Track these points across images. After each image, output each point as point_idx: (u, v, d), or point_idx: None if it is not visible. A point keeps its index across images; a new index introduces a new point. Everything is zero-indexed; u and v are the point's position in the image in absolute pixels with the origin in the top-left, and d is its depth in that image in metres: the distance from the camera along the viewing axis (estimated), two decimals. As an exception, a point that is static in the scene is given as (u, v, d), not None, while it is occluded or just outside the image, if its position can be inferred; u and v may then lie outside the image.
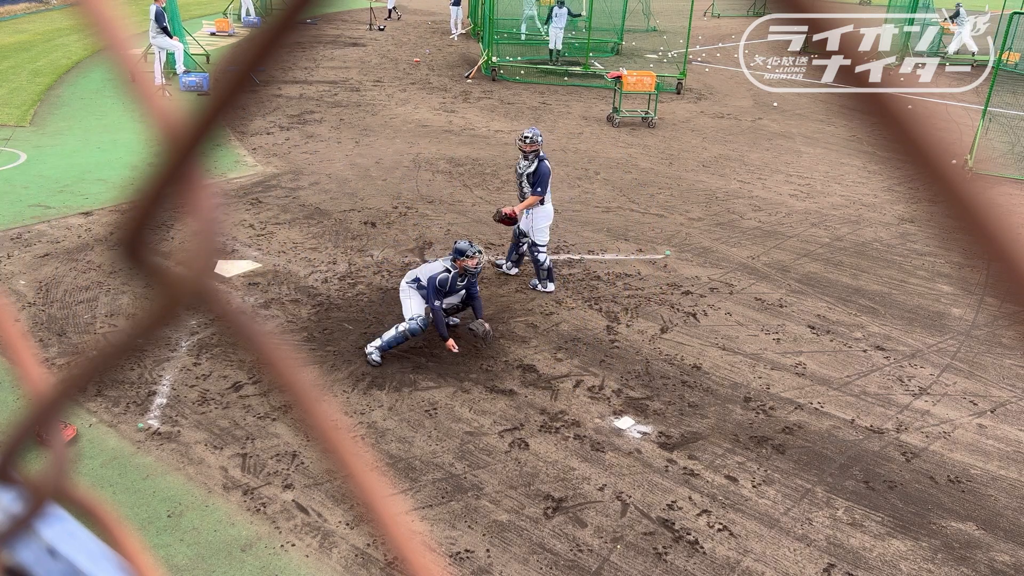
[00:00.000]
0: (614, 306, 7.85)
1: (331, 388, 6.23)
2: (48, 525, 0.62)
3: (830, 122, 16.19)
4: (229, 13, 24.52)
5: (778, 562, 4.76)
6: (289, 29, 0.35)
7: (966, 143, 12.49)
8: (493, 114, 15.72)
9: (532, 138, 7.74)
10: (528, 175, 7.86)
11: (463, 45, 24.12)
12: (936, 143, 0.28)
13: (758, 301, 8.11)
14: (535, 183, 7.83)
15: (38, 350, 6.12)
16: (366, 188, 11.02)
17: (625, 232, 9.83)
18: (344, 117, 14.94)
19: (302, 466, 5.33)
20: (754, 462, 5.64)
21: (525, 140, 7.77)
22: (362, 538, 4.73)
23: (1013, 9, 15.66)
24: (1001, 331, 7.63)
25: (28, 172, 11.03)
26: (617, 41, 22.52)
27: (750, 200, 11.29)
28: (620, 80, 15.15)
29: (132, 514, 4.83)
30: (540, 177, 7.82)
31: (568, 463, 5.54)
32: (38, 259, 8.26)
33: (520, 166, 7.98)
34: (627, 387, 6.48)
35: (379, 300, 7.76)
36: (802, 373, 6.80)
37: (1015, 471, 5.66)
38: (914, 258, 9.46)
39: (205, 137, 0.39)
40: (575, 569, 4.63)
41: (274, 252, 8.71)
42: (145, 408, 5.90)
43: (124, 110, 14.00)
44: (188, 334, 6.87)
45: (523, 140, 7.79)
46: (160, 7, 15.12)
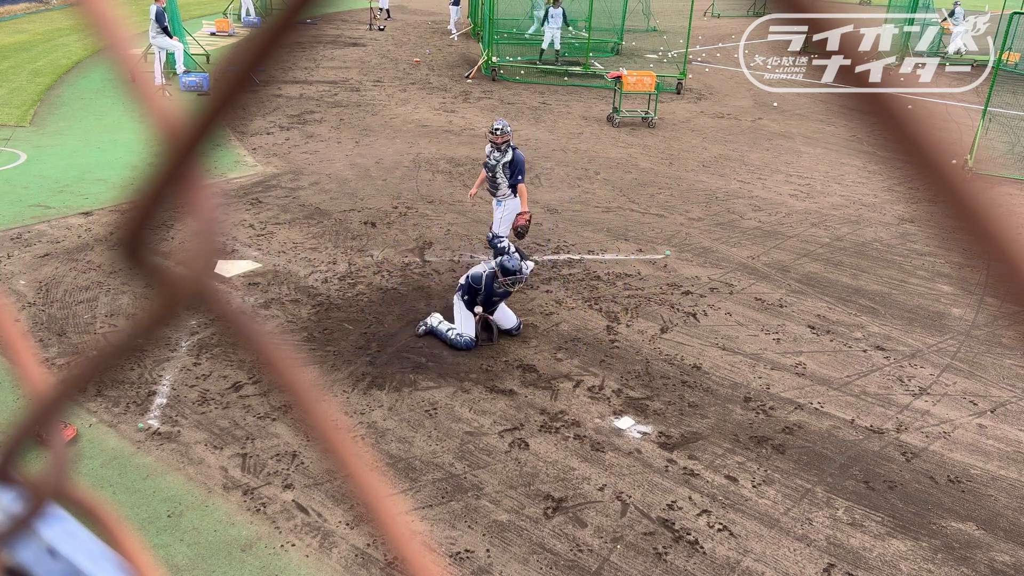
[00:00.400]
0: (614, 306, 7.85)
1: (331, 388, 6.23)
2: (48, 525, 0.62)
3: (830, 122, 16.19)
4: (229, 13, 24.52)
5: (778, 562, 4.76)
6: (289, 29, 0.35)
7: (966, 143, 12.49)
8: (493, 114, 15.72)
9: (503, 129, 7.81)
10: (505, 165, 7.88)
11: (463, 45, 24.12)
12: (936, 143, 0.28)
13: (758, 301, 8.11)
14: (514, 172, 7.89)
15: (38, 350, 6.12)
16: (366, 188, 11.02)
17: (625, 232, 9.83)
18: (344, 117, 14.94)
19: (302, 466, 5.33)
20: (754, 462, 5.64)
21: (496, 132, 7.82)
22: (362, 538, 4.73)
23: (1013, 9, 15.66)
24: (1001, 331, 7.63)
25: (28, 172, 11.03)
26: (617, 41, 22.51)
27: (750, 200, 11.29)
28: (620, 80, 15.15)
29: (132, 514, 4.83)
30: (518, 164, 7.91)
31: (568, 463, 5.54)
32: (38, 259, 8.26)
33: (492, 158, 7.97)
34: (627, 387, 6.48)
35: (379, 300, 7.76)
36: (802, 373, 6.80)
37: (1015, 471, 5.66)
38: (914, 258, 9.46)
39: (205, 137, 0.39)
40: (575, 569, 4.63)
41: (274, 252, 8.72)
42: (145, 408, 5.90)
43: (124, 110, 14.00)
44: (188, 334, 6.87)
45: (494, 132, 7.83)
46: (160, 7, 15.12)
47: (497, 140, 7.84)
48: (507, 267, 6.63)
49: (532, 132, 14.48)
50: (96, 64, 17.43)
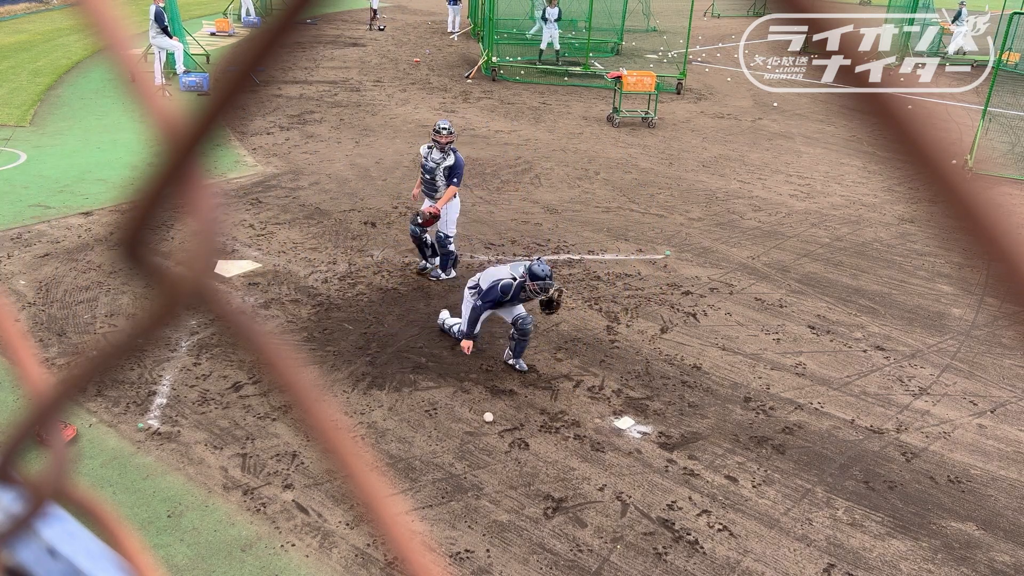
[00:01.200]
0: (614, 306, 7.85)
1: (331, 388, 6.23)
2: (48, 525, 0.61)
3: (830, 122, 16.19)
4: (229, 13, 24.51)
5: (778, 562, 4.76)
6: (289, 29, 0.35)
7: (966, 143, 12.49)
8: (493, 114, 15.73)
9: (449, 129, 7.71)
10: (446, 168, 7.80)
11: (463, 45, 24.12)
12: (936, 143, 0.28)
13: (758, 301, 8.11)
14: (452, 175, 7.80)
15: (38, 350, 6.12)
16: (366, 188, 11.02)
17: (625, 232, 9.83)
18: (344, 117, 14.94)
19: (302, 466, 5.33)
20: (754, 462, 5.64)
21: (442, 132, 7.69)
22: (362, 538, 4.73)
23: (1013, 9, 15.66)
24: (1001, 331, 7.63)
25: (28, 172, 11.03)
26: (617, 41, 22.51)
27: (750, 200, 11.29)
28: (620, 80, 15.15)
29: (132, 514, 4.83)
30: (459, 168, 7.83)
31: (568, 463, 5.54)
32: (38, 259, 8.26)
33: (432, 159, 7.83)
34: (627, 387, 6.48)
35: (379, 300, 7.76)
36: (802, 373, 6.80)
37: (1015, 471, 5.66)
38: (914, 258, 9.46)
39: (205, 137, 0.39)
40: (575, 569, 4.63)
41: (274, 252, 8.72)
42: (145, 408, 5.90)
43: (124, 110, 13.99)
44: (188, 334, 6.87)
45: (440, 132, 7.70)
46: (160, 7, 15.12)
47: (442, 140, 7.71)
48: (536, 272, 6.22)
49: (532, 132, 14.48)
50: (96, 64, 17.43)
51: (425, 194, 8.07)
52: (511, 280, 6.29)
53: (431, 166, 7.85)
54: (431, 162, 7.84)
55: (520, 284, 6.28)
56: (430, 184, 7.95)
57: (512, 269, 6.41)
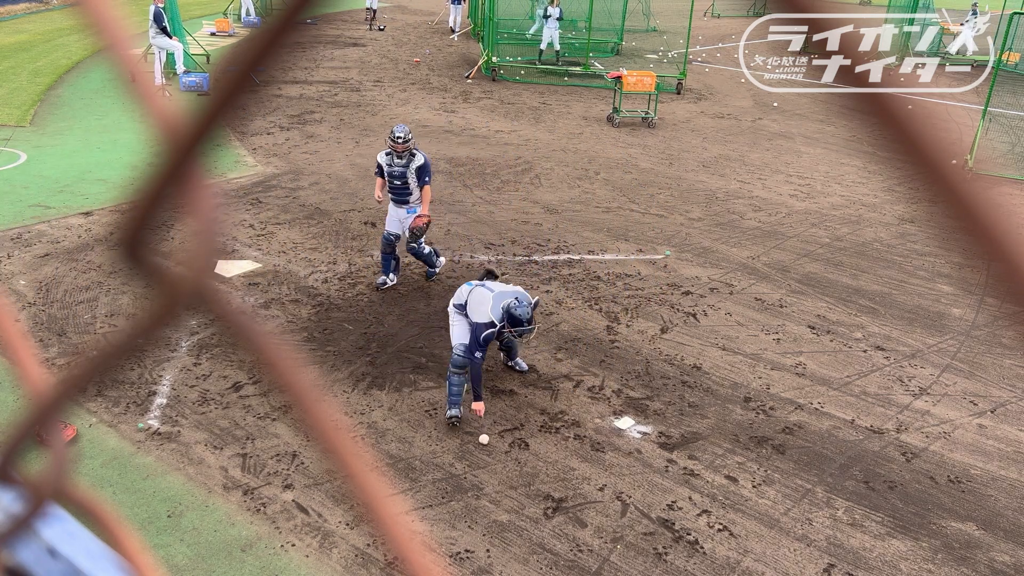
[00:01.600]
0: (614, 306, 7.85)
1: (331, 388, 6.23)
2: (48, 525, 0.61)
3: (830, 122, 16.19)
4: (229, 13, 24.50)
5: (778, 562, 4.76)
6: (289, 29, 0.35)
7: (966, 143, 12.49)
8: (493, 114, 15.73)
9: (405, 136, 7.56)
10: (417, 169, 7.68)
11: (463, 45, 24.11)
12: (936, 143, 0.28)
13: (758, 301, 8.11)
14: (423, 174, 7.72)
15: (38, 350, 6.12)
16: (366, 188, 11.01)
17: (625, 232, 9.83)
18: (344, 117, 14.94)
19: (302, 466, 5.33)
20: (754, 462, 5.64)
21: (398, 140, 7.53)
22: (362, 538, 4.73)
23: (1013, 9, 15.66)
24: (1001, 331, 7.63)
25: (28, 172, 11.03)
26: (617, 41, 22.50)
27: (750, 200, 11.29)
28: (620, 80, 15.15)
29: (132, 514, 4.83)
30: (428, 166, 7.76)
31: (568, 463, 5.54)
32: (38, 259, 8.26)
33: (395, 164, 7.66)
34: (627, 387, 6.48)
35: (379, 300, 7.75)
36: (802, 373, 6.80)
37: (1015, 471, 5.66)
38: (914, 258, 9.46)
39: (205, 137, 0.39)
40: (575, 569, 4.63)
41: (274, 252, 8.72)
42: (145, 408, 5.90)
43: (124, 110, 13.99)
44: (188, 334, 6.87)
45: (397, 140, 7.53)
46: (159, 7, 15.12)
47: (399, 148, 7.54)
48: (516, 316, 5.72)
49: (532, 132, 14.48)
50: (96, 64, 17.43)
51: (394, 201, 7.85)
52: (492, 330, 5.80)
53: (399, 171, 7.68)
54: (397, 167, 7.67)
55: (500, 330, 5.84)
56: (401, 190, 7.76)
57: (496, 302, 5.83)
